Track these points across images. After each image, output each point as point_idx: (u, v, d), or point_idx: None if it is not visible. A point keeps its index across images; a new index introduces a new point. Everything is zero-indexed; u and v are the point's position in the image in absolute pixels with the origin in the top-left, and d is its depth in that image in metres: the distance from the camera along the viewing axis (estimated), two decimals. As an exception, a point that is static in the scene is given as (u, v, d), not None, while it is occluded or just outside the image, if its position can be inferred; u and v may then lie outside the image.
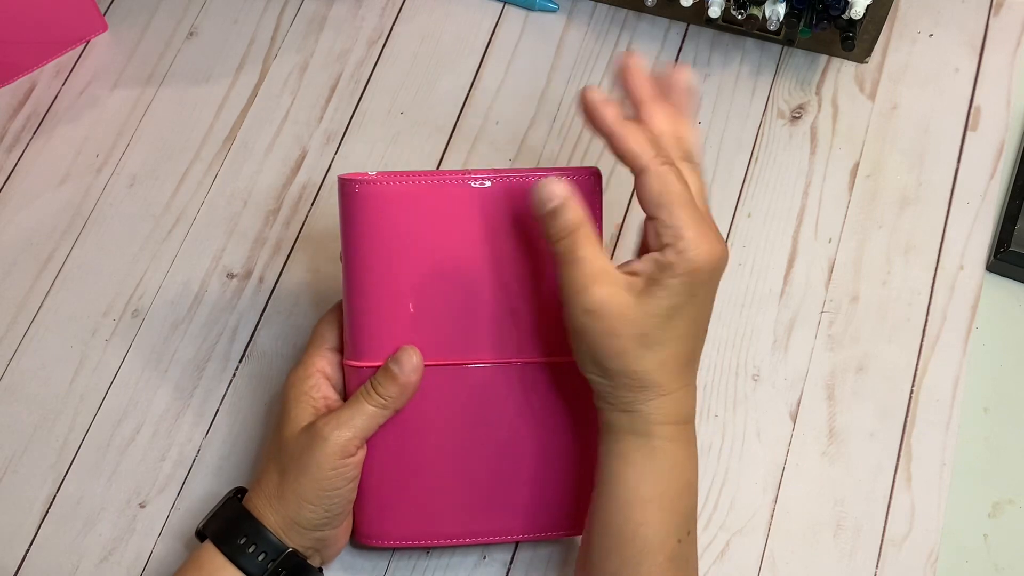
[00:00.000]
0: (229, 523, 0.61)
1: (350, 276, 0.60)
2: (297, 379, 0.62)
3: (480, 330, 0.60)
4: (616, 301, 0.53)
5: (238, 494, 0.63)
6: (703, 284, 0.54)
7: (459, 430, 0.62)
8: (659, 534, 0.55)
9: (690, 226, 0.53)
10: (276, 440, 0.61)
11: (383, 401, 0.59)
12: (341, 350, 0.62)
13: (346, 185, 0.59)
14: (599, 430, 0.57)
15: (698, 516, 0.66)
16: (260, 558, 0.59)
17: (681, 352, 0.55)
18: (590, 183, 0.59)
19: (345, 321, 0.61)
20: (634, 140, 0.54)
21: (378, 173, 0.58)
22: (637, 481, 0.55)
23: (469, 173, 0.59)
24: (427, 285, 0.59)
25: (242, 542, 0.59)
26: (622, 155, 0.54)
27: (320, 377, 0.62)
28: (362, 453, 0.60)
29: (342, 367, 0.62)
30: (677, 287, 0.53)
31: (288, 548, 0.59)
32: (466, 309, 0.60)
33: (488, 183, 0.59)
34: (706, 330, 0.57)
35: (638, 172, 0.54)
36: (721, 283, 0.71)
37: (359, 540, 0.64)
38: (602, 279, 0.53)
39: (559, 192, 0.54)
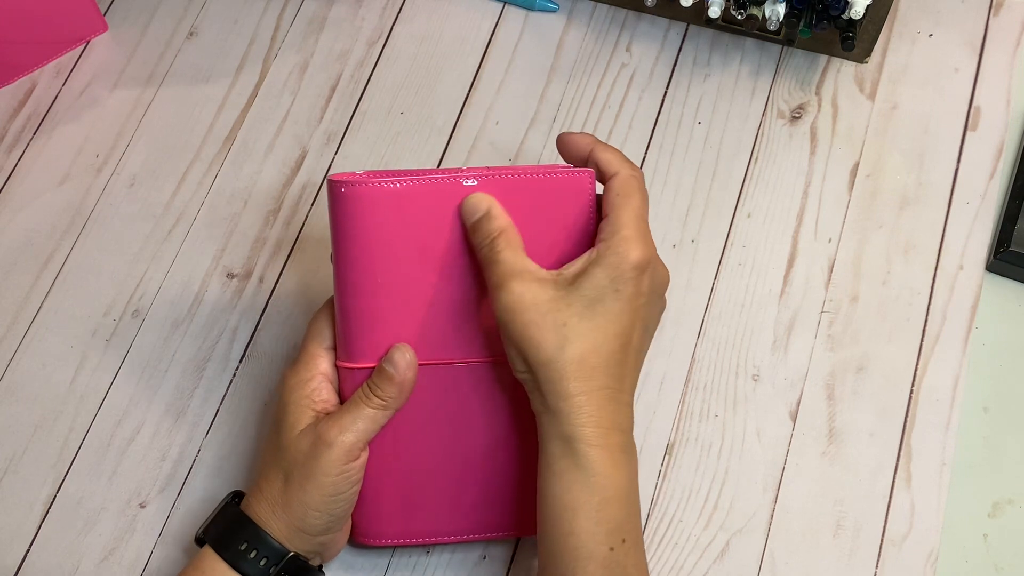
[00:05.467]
0: (229, 528, 0.60)
1: (341, 277, 0.60)
2: (298, 382, 0.61)
3: (471, 327, 0.60)
4: (532, 294, 0.56)
5: (235, 498, 0.63)
6: (628, 281, 0.56)
7: (454, 427, 0.62)
8: (587, 543, 0.55)
9: (631, 227, 0.57)
10: (275, 444, 0.61)
11: (382, 402, 0.59)
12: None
13: (334, 186, 0.58)
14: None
15: (698, 517, 0.67)
16: (262, 563, 0.59)
17: (602, 348, 0.56)
18: (586, 183, 0.59)
19: (337, 322, 0.61)
20: (611, 152, 0.60)
21: (366, 172, 0.58)
22: (562, 491, 0.56)
23: (459, 172, 0.59)
24: (418, 284, 0.59)
25: (243, 547, 0.59)
26: (599, 162, 0.60)
27: (322, 380, 0.61)
28: (365, 456, 0.60)
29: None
30: (601, 277, 0.56)
31: (290, 552, 0.59)
32: (457, 307, 0.60)
33: (477, 181, 0.59)
34: (638, 344, 0.58)
35: (612, 175, 0.59)
36: (721, 283, 0.72)
37: (359, 540, 0.64)
38: (519, 276, 0.57)
39: (482, 204, 0.58)
